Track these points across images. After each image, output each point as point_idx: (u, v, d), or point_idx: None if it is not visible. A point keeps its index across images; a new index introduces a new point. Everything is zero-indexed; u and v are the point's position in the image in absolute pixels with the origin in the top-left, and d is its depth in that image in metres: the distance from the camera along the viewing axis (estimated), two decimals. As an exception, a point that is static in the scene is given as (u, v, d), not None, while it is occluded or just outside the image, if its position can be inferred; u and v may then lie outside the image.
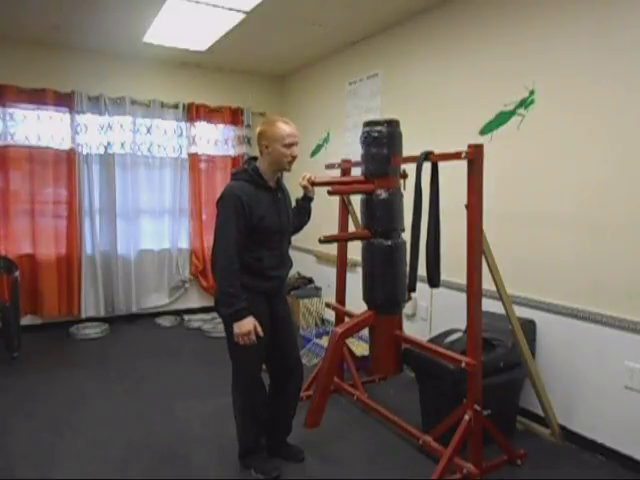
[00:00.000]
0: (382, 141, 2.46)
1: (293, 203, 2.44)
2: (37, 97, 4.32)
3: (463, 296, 2.27)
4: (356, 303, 2.97)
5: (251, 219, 2.12)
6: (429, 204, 2.28)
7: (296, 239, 2.41)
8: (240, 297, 2.09)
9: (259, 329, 2.13)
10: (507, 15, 2.91)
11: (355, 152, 2.99)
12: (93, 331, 4.48)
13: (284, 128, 2.17)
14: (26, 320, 4.39)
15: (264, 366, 2.37)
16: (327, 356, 2.46)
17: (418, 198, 2.34)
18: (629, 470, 2.38)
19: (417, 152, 2.34)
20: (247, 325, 2.09)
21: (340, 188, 2.64)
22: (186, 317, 4.96)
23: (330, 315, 3.98)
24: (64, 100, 4.43)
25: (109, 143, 4.66)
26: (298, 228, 2.47)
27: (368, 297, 2.60)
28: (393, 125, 2.50)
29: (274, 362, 2.40)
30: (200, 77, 5.09)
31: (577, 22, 2.54)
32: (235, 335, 2.10)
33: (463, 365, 2.20)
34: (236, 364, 2.30)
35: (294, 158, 2.22)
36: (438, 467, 2.17)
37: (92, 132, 4.58)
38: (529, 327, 2.73)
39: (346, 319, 2.97)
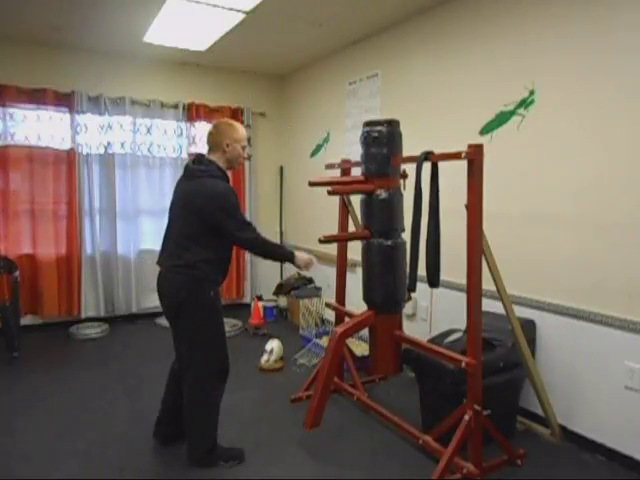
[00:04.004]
0: (382, 141, 2.47)
1: None
2: (37, 97, 4.32)
3: (463, 296, 2.27)
4: (356, 303, 2.97)
5: None
6: (429, 204, 2.28)
7: (296, 239, 2.42)
8: (279, 245, 2.44)
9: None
10: (507, 15, 2.90)
11: (355, 152, 2.99)
12: (93, 331, 4.48)
13: (243, 131, 2.40)
14: (26, 320, 4.39)
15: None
16: (327, 356, 2.46)
17: (418, 198, 2.34)
18: (629, 470, 2.38)
19: (417, 152, 2.34)
20: (304, 254, 2.42)
21: (340, 188, 2.64)
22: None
23: (330, 315, 3.97)
24: (64, 100, 4.43)
25: (109, 143, 4.66)
26: None
27: (368, 297, 2.60)
28: (393, 125, 2.50)
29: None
30: (200, 77, 5.09)
31: (577, 22, 2.54)
32: (305, 265, 2.40)
33: (463, 365, 2.20)
34: (204, 356, 2.31)
35: (244, 159, 2.47)
36: (438, 467, 2.17)
37: (92, 132, 4.58)
38: (529, 327, 2.73)
39: (346, 319, 2.97)
